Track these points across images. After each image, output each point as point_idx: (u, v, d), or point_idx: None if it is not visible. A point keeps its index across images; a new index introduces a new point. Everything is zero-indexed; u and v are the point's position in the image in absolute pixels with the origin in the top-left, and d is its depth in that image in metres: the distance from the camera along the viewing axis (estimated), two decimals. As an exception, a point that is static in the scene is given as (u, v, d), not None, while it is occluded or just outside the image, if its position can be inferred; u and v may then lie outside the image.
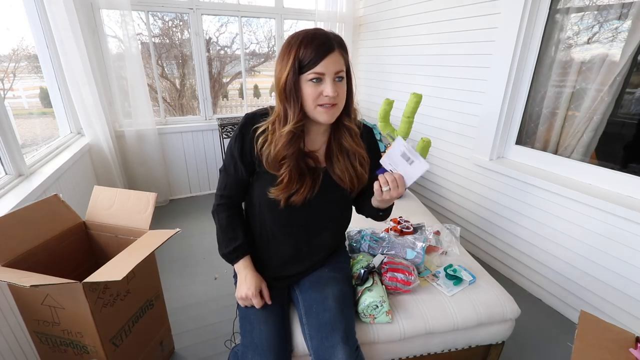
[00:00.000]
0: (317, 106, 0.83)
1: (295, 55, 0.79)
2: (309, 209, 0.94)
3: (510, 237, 1.91)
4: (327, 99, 0.81)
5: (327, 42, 0.80)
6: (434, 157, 2.40)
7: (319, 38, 0.80)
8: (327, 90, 0.80)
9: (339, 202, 1.02)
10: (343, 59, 0.83)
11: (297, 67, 0.80)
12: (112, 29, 2.36)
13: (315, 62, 0.79)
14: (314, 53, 0.79)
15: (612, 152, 1.62)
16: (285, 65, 0.81)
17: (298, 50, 0.79)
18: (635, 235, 1.35)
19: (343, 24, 3.03)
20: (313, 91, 0.81)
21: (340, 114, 0.89)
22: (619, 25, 1.49)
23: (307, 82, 0.81)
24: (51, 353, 1.07)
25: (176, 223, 2.50)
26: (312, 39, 0.80)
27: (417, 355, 1.15)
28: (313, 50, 0.79)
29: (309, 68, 0.79)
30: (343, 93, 0.85)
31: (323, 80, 0.81)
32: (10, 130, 1.36)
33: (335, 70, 0.80)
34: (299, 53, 0.79)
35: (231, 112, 3.58)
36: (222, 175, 0.98)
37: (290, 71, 0.80)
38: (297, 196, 0.90)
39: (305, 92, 0.82)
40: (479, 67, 1.95)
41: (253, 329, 0.93)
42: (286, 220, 0.96)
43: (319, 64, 0.79)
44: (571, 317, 1.65)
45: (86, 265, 1.26)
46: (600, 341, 0.80)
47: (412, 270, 1.14)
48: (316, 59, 0.79)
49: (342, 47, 0.84)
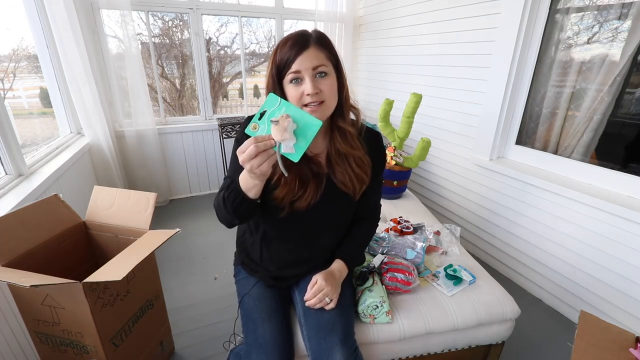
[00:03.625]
0: (303, 107, 0.80)
1: (273, 60, 0.79)
2: (313, 214, 0.92)
3: (510, 237, 1.91)
4: (309, 98, 0.78)
5: (300, 39, 0.78)
6: (434, 157, 2.40)
7: (293, 38, 0.79)
8: (307, 88, 0.77)
9: (342, 209, 0.98)
10: (323, 54, 0.80)
11: (276, 72, 0.79)
12: (112, 29, 2.36)
13: (290, 62, 0.77)
14: (288, 52, 0.77)
15: (612, 152, 1.62)
16: (268, 72, 0.81)
17: (275, 55, 0.79)
18: (635, 235, 1.35)
19: (343, 24, 3.03)
20: (295, 92, 0.79)
21: (334, 114, 0.86)
22: (619, 25, 1.49)
23: (289, 85, 0.80)
24: (51, 353, 1.07)
25: (176, 223, 2.50)
26: (286, 40, 0.79)
27: (417, 356, 1.15)
28: (287, 50, 0.77)
29: (286, 69, 0.78)
30: (328, 89, 0.80)
31: (302, 79, 0.78)
32: (10, 130, 1.36)
33: (312, 65, 0.77)
34: (276, 57, 0.79)
35: (231, 112, 3.57)
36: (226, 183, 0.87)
37: (271, 77, 0.80)
38: (302, 202, 0.87)
39: (289, 96, 0.81)
40: (479, 67, 1.95)
41: (257, 327, 0.93)
42: (288, 225, 0.94)
43: (294, 63, 0.77)
44: (571, 317, 1.65)
45: (86, 265, 1.26)
46: (600, 341, 0.80)
47: (412, 270, 1.14)
48: (291, 58, 0.77)
49: (321, 42, 0.81)
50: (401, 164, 1.86)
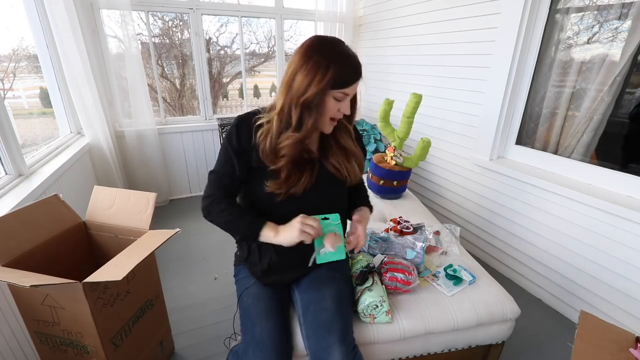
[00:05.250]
0: (330, 119, 0.89)
1: (332, 75, 0.82)
2: (307, 200, 0.95)
3: (510, 237, 1.91)
4: (340, 115, 0.90)
5: (359, 68, 0.87)
6: (434, 157, 2.40)
7: (352, 60, 0.85)
8: (345, 109, 0.88)
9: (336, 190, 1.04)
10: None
11: (330, 85, 0.83)
12: (112, 29, 2.36)
13: (347, 84, 0.84)
14: (348, 76, 0.84)
15: (612, 152, 1.62)
16: (316, 80, 0.82)
17: (335, 69, 0.82)
18: (635, 235, 1.35)
19: (343, 24, 3.03)
20: (334, 107, 0.87)
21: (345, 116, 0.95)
22: (619, 25, 1.49)
23: (331, 98, 0.85)
24: (51, 353, 1.07)
25: (176, 223, 2.50)
26: (346, 59, 0.84)
27: (417, 356, 1.15)
28: (349, 72, 0.84)
29: (339, 87, 0.84)
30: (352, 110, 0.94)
31: (344, 99, 0.87)
32: (10, 130, 1.36)
33: (354, 92, 0.89)
34: (335, 72, 0.82)
35: (231, 112, 3.58)
36: (213, 177, 0.96)
37: (324, 87, 0.82)
38: (298, 187, 0.92)
39: (327, 107, 0.86)
40: (479, 67, 1.95)
41: (254, 326, 0.93)
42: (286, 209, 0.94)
43: (349, 87, 0.85)
44: (571, 317, 1.65)
45: (86, 265, 1.26)
46: (600, 341, 0.80)
47: (412, 270, 1.14)
48: (349, 82, 0.85)
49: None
50: (401, 164, 1.86)
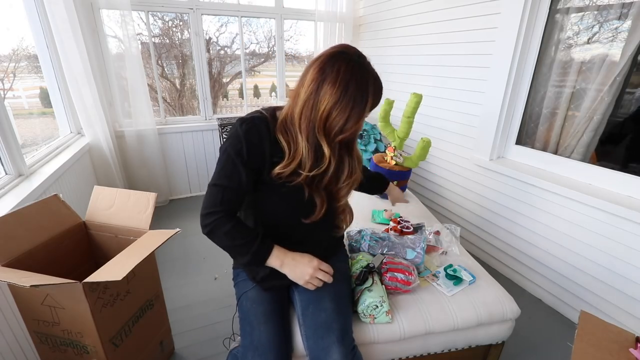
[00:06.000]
0: None
1: (369, 107, 0.84)
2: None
3: (510, 237, 1.91)
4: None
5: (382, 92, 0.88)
6: (434, 157, 2.40)
7: (380, 82, 0.86)
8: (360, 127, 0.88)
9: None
10: None
11: (369, 109, 0.85)
12: (112, 29, 2.36)
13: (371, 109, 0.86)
14: (379, 100, 0.87)
15: (612, 152, 1.62)
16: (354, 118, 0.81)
17: (371, 99, 0.83)
18: (635, 235, 1.35)
19: (343, 24, 3.03)
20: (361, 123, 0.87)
21: None
22: (619, 25, 1.49)
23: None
24: (51, 353, 1.07)
25: (176, 223, 2.50)
26: (377, 83, 0.85)
27: (417, 356, 1.15)
28: (380, 97, 0.87)
29: (369, 111, 0.86)
30: None
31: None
32: (10, 130, 1.36)
33: None
34: (372, 103, 0.84)
35: (231, 112, 3.58)
36: (215, 191, 0.87)
37: (360, 120, 0.83)
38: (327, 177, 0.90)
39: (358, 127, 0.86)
40: (479, 67, 1.95)
41: (253, 330, 0.93)
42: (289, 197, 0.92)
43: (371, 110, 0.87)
44: (571, 317, 1.65)
45: (86, 265, 1.26)
46: (600, 341, 0.80)
47: (412, 270, 1.14)
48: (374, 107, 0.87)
49: None
50: (401, 164, 1.86)
